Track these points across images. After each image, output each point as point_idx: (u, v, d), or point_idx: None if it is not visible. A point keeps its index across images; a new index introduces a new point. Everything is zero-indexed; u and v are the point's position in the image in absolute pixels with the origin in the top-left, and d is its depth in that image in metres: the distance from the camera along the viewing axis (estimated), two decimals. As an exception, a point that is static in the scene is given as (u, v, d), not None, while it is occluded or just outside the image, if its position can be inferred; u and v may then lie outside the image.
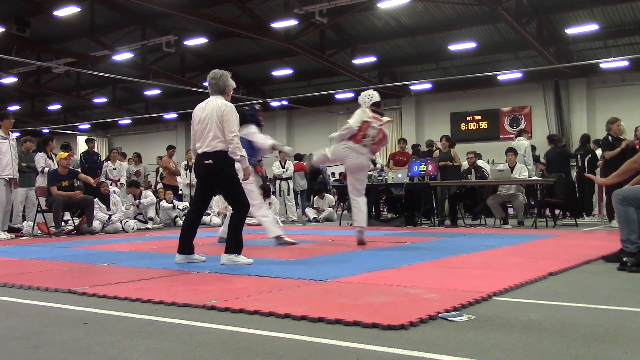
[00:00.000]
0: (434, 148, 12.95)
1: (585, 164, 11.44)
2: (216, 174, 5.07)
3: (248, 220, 7.55)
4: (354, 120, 6.82)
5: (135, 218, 11.01)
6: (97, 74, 20.79)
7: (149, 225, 11.03)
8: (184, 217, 11.87)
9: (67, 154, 10.14)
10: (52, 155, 10.50)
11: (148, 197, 11.33)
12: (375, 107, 7.02)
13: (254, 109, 7.48)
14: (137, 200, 11.18)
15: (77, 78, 24.59)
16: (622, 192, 4.54)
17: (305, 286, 3.70)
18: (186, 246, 5.13)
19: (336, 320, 2.69)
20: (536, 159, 13.32)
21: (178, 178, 13.61)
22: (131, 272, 4.56)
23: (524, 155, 10.90)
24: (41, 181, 10.09)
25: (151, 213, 11.24)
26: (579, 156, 11.64)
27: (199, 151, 5.07)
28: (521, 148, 10.98)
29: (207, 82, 5.28)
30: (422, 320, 2.67)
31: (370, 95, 7.09)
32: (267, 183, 14.09)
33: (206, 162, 5.00)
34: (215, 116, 5.02)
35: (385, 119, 7.01)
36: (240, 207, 5.14)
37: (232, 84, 5.34)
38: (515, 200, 10.11)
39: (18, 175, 9.20)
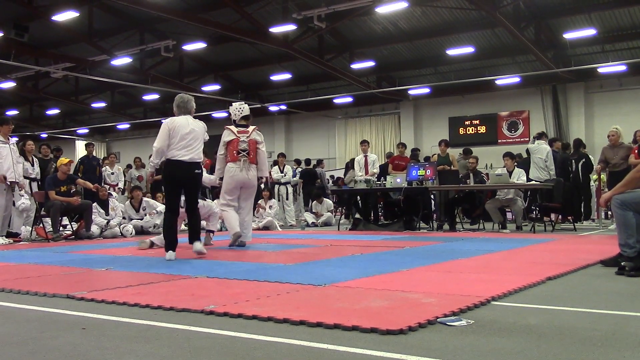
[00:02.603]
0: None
1: (579, 168, 11.45)
2: (199, 180, 6.28)
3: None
4: (220, 146, 7.18)
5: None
6: (95, 79, 20.82)
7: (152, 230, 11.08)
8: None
9: (67, 160, 10.10)
10: (34, 159, 10.36)
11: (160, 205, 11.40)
12: (245, 120, 7.27)
13: None
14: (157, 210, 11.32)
15: (75, 83, 24.60)
16: (620, 196, 4.55)
17: (304, 291, 3.70)
18: (174, 244, 5.93)
19: (335, 325, 2.69)
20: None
21: None
22: (129, 276, 4.56)
23: (545, 160, 10.84)
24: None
25: (159, 220, 11.31)
26: (572, 161, 11.64)
27: (186, 159, 5.96)
28: (542, 152, 10.90)
29: (175, 104, 6.28)
30: (420, 325, 2.67)
31: (241, 109, 7.28)
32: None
33: (197, 170, 6.10)
34: (202, 132, 6.22)
35: (251, 128, 7.26)
36: (197, 208, 6.39)
37: (194, 105, 6.46)
38: (513, 204, 10.11)
39: (21, 179, 9.19)
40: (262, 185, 13.77)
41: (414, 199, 10.72)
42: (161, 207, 11.23)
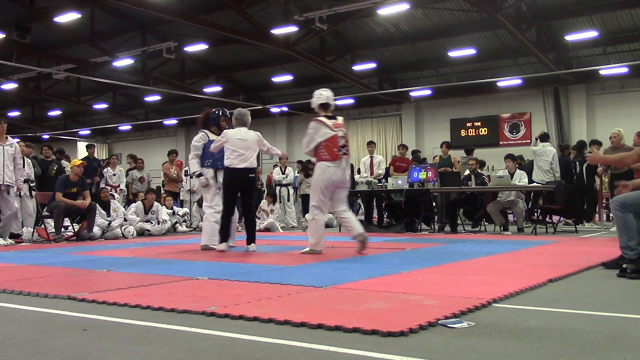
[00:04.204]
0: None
1: (584, 170, 11.43)
2: (253, 183, 7.20)
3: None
4: (309, 141, 6.36)
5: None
6: (97, 80, 20.85)
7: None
8: (184, 223, 11.94)
9: (80, 162, 10.06)
10: (25, 159, 10.17)
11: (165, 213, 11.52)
12: (328, 111, 6.45)
13: (218, 114, 7.63)
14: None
15: (77, 84, 24.63)
16: (620, 198, 4.55)
17: (305, 292, 3.70)
18: (227, 237, 6.91)
19: (336, 326, 2.69)
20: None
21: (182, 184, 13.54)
22: (131, 278, 4.56)
23: (551, 163, 10.84)
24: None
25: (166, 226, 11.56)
26: (576, 163, 11.62)
27: (241, 166, 6.77)
28: (548, 154, 10.91)
29: (234, 117, 7.09)
30: (421, 326, 2.67)
31: (321, 95, 6.50)
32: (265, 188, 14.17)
33: (251, 175, 6.94)
34: (254, 141, 6.97)
35: (341, 119, 6.54)
36: (252, 210, 7.37)
37: (250, 118, 7.19)
38: (515, 206, 10.10)
39: (14, 181, 9.01)
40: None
41: (415, 200, 10.72)
42: (165, 216, 11.28)
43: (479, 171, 11.45)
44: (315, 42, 19.07)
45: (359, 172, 13.62)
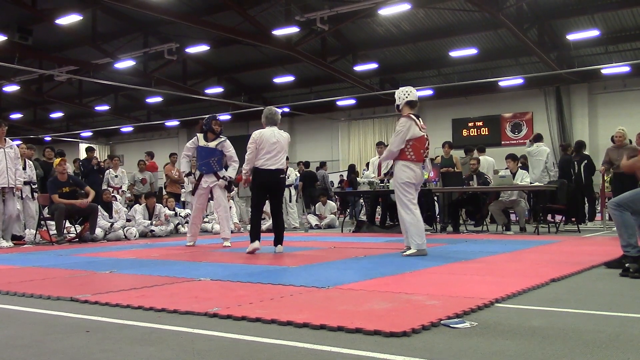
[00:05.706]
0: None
1: (582, 169, 11.44)
2: (283, 184, 7.18)
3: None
4: (399, 139, 6.08)
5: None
6: (99, 82, 20.89)
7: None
8: (186, 224, 11.95)
9: (59, 159, 10.03)
10: (27, 162, 10.13)
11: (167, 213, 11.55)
12: (410, 108, 6.21)
13: (209, 120, 8.16)
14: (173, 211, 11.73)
15: (79, 86, 24.69)
16: (615, 199, 4.60)
17: (307, 293, 3.70)
18: (258, 235, 6.73)
19: (338, 327, 2.69)
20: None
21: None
22: (133, 279, 4.56)
23: (545, 162, 10.89)
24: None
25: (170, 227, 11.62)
26: (575, 162, 11.63)
27: (273, 167, 6.67)
28: (543, 154, 10.99)
29: (265, 116, 6.94)
30: (424, 327, 2.67)
31: (410, 92, 6.25)
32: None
33: (282, 175, 6.83)
34: (286, 142, 6.89)
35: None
36: (281, 211, 7.09)
37: (280, 116, 7.06)
38: (517, 206, 10.09)
39: (19, 183, 8.99)
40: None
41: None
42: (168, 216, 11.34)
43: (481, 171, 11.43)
44: (316, 42, 19.09)
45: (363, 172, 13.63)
